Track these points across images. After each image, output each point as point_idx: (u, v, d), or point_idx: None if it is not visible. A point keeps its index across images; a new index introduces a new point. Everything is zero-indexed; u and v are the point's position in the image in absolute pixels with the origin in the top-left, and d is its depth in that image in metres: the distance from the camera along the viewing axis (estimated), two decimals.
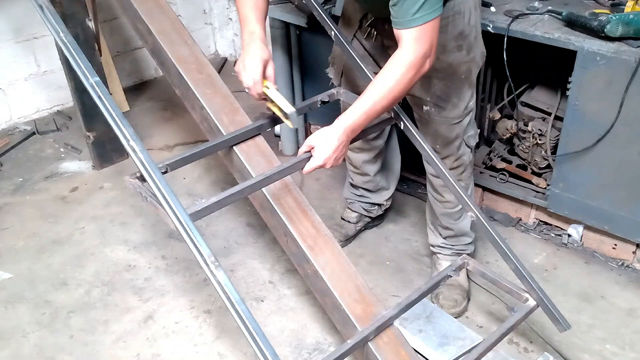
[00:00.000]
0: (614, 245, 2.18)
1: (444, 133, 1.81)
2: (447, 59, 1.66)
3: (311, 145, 1.50)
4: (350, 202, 2.30)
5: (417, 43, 1.41)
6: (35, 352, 1.87)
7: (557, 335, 1.84)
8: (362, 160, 2.13)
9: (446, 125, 1.79)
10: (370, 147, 2.09)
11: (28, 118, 3.23)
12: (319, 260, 1.61)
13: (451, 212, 1.96)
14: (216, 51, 4.05)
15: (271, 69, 1.57)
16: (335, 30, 1.78)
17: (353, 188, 2.27)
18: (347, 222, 2.30)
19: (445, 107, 1.75)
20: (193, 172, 2.78)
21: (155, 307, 2.03)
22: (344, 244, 2.25)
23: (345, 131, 1.48)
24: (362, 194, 2.25)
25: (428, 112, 1.77)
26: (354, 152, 2.11)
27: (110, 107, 1.50)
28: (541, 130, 2.22)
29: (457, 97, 1.75)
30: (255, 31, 1.56)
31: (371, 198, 2.26)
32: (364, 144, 2.06)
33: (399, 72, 1.44)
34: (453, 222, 1.98)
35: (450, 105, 1.75)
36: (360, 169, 2.16)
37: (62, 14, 2.28)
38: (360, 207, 2.28)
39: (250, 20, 1.58)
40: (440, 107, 1.76)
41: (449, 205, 1.94)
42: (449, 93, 1.73)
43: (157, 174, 1.44)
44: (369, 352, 1.53)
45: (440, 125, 1.79)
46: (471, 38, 1.68)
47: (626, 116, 1.87)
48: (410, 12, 1.37)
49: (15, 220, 2.47)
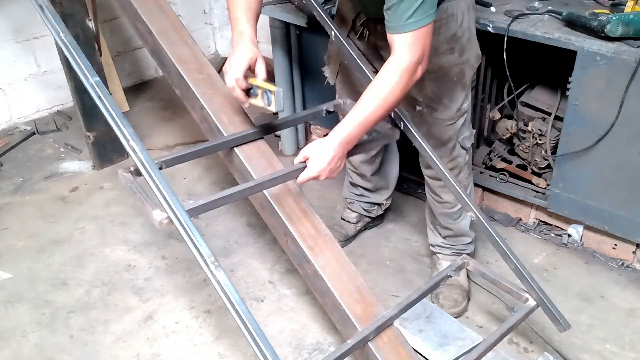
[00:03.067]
0: (614, 245, 2.18)
1: (436, 134, 1.81)
2: (438, 61, 1.65)
3: (306, 156, 1.49)
4: (350, 202, 2.30)
5: (410, 48, 1.40)
6: (35, 352, 1.87)
7: (557, 335, 1.84)
8: (360, 160, 2.13)
9: (439, 127, 1.79)
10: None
11: (28, 118, 3.23)
12: (319, 260, 1.61)
13: (450, 212, 1.96)
14: (216, 51, 4.05)
15: (261, 65, 1.53)
16: (335, 31, 1.78)
17: (352, 187, 2.27)
18: (347, 222, 2.30)
19: (437, 108, 1.75)
20: (193, 172, 2.78)
21: (155, 307, 2.03)
22: (344, 244, 2.25)
23: (341, 143, 1.47)
24: (362, 193, 2.25)
25: (421, 112, 1.77)
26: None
27: (110, 107, 1.50)
28: (541, 130, 2.23)
29: (448, 98, 1.74)
30: (244, 31, 1.55)
31: (370, 197, 2.26)
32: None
33: (393, 79, 1.43)
34: (452, 221, 1.98)
35: (442, 106, 1.75)
36: (358, 168, 2.17)
37: (62, 14, 2.28)
38: (360, 206, 2.28)
39: (240, 21, 1.57)
40: (432, 108, 1.75)
41: (447, 205, 1.94)
42: (441, 95, 1.73)
43: (157, 174, 1.44)
44: (369, 352, 1.53)
45: (432, 126, 1.79)
46: (464, 40, 1.67)
47: (626, 116, 1.87)
48: (403, 17, 1.37)
49: (15, 220, 2.47)
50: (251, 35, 1.56)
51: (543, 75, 2.28)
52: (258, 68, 1.52)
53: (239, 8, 1.58)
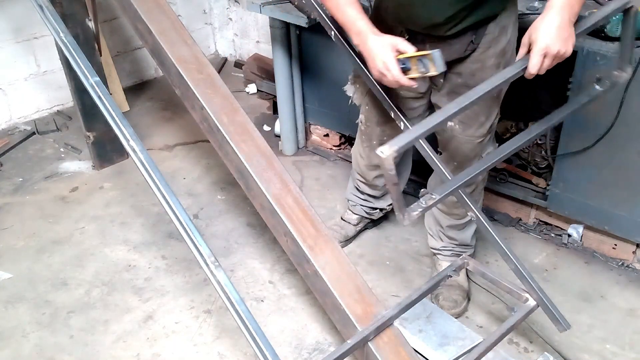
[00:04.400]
0: (614, 245, 2.18)
1: (465, 151, 1.76)
2: (484, 76, 1.55)
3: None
4: (353, 204, 2.27)
5: None
6: (35, 352, 1.87)
7: (557, 335, 1.84)
8: (374, 175, 2.07)
9: (470, 144, 1.75)
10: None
11: (28, 118, 3.23)
12: (319, 260, 1.61)
13: (458, 224, 1.95)
14: (216, 51, 4.05)
15: (403, 43, 1.46)
16: (335, 30, 1.77)
17: (358, 192, 2.22)
18: (347, 222, 2.30)
19: (472, 125, 1.71)
20: (193, 172, 2.78)
21: (155, 307, 2.03)
22: (344, 244, 2.25)
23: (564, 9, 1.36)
24: (366, 199, 2.22)
25: (452, 128, 1.72)
26: (368, 169, 2.06)
27: (110, 107, 1.51)
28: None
29: (485, 116, 1.70)
30: (361, 30, 1.50)
31: (375, 203, 2.23)
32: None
33: None
34: (457, 232, 1.98)
35: (477, 124, 1.71)
36: (371, 181, 2.11)
37: (62, 14, 2.27)
38: (362, 209, 2.26)
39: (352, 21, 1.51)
40: (466, 124, 1.71)
41: (456, 217, 1.93)
42: (479, 112, 1.68)
43: (157, 174, 1.45)
44: (369, 352, 1.53)
45: (463, 144, 1.75)
46: (509, 55, 1.62)
47: (626, 116, 1.87)
48: None
49: (15, 220, 2.47)
50: (371, 29, 1.49)
51: (543, 76, 2.27)
52: (402, 46, 1.46)
53: (342, 8, 1.52)
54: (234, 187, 2.55)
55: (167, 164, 2.84)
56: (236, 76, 3.69)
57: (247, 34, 3.77)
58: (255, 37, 3.71)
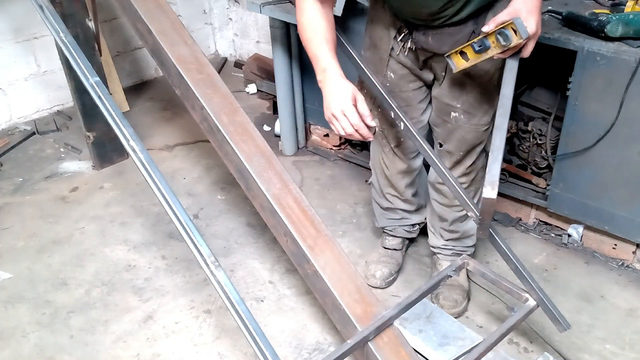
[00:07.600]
0: (614, 245, 2.18)
1: (471, 140, 1.76)
2: (485, 65, 1.59)
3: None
4: (391, 229, 2.16)
5: None
6: (35, 352, 1.87)
7: (557, 335, 1.84)
8: (404, 184, 2.02)
9: (475, 132, 1.75)
10: (410, 170, 1.98)
11: (28, 118, 3.23)
12: (319, 260, 1.61)
13: (461, 216, 1.94)
14: (216, 51, 4.05)
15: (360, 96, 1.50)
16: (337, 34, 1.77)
17: (390, 213, 2.11)
18: (394, 250, 2.17)
19: (476, 114, 1.71)
20: (193, 172, 2.78)
21: (155, 307, 2.03)
22: (396, 275, 2.13)
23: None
24: (403, 217, 2.12)
25: (456, 118, 1.73)
26: (397, 179, 2.00)
27: (110, 107, 1.51)
28: (541, 130, 2.23)
29: (488, 103, 1.70)
30: (327, 69, 1.51)
31: (411, 219, 2.14)
32: (406, 166, 1.96)
33: None
34: (461, 224, 1.97)
35: (482, 112, 1.71)
36: (403, 194, 2.04)
37: (62, 14, 2.28)
38: (403, 230, 2.16)
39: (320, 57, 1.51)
40: (470, 114, 1.71)
41: (457, 209, 1.92)
42: (482, 100, 1.69)
43: (157, 174, 1.45)
44: (369, 352, 1.53)
45: (468, 133, 1.75)
46: None
47: (626, 116, 1.87)
48: None
49: (15, 220, 2.47)
50: (337, 70, 1.51)
51: (543, 75, 2.28)
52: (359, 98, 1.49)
53: (315, 43, 1.52)
54: (234, 187, 2.55)
55: (167, 164, 2.84)
56: (236, 76, 3.69)
57: (247, 34, 3.77)
58: (255, 37, 3.72)
